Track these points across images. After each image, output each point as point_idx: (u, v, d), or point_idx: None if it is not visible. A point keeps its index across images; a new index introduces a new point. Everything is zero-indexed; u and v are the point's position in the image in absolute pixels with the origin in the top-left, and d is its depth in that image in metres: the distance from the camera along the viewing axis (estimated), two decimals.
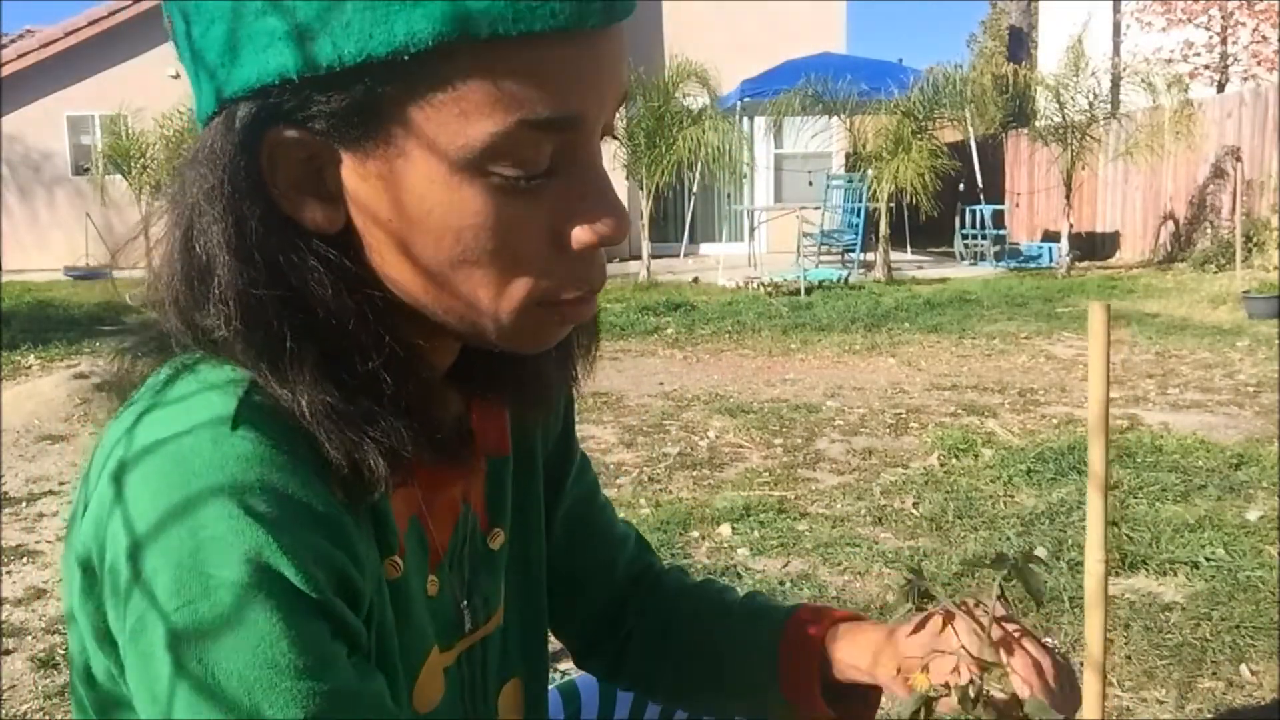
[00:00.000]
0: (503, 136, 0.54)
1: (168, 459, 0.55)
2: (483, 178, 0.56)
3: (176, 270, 0.60)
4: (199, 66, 0.58)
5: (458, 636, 0.75)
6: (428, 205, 0.56)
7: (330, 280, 0.58)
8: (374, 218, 0.58)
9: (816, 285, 10.83)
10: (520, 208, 0.57)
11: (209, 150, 0.58)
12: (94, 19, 15.77)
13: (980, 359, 6.76)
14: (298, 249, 0.58)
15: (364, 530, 0.62)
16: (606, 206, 0.59)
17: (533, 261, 0.59)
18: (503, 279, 0.58)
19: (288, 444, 0.56)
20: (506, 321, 0.60)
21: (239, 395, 0.57)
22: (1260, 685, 2.34)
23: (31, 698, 2.41)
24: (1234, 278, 9.67)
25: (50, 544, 3.46)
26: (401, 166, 0.56)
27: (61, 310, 10.32)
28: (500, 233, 0.57)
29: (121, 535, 0.54)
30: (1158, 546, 3.10)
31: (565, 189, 0.58)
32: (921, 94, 11.83)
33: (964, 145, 13.99)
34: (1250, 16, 15.47)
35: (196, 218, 0.58)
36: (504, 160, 0.55)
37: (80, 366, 6.36)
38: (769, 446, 4.53)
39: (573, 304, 0.61)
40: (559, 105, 0.55)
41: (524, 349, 0.63)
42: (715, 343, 7.64)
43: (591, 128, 0.58)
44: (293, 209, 0.58)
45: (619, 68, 0.58)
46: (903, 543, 3.27)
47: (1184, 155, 12.03)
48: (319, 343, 0.58)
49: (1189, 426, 4.69)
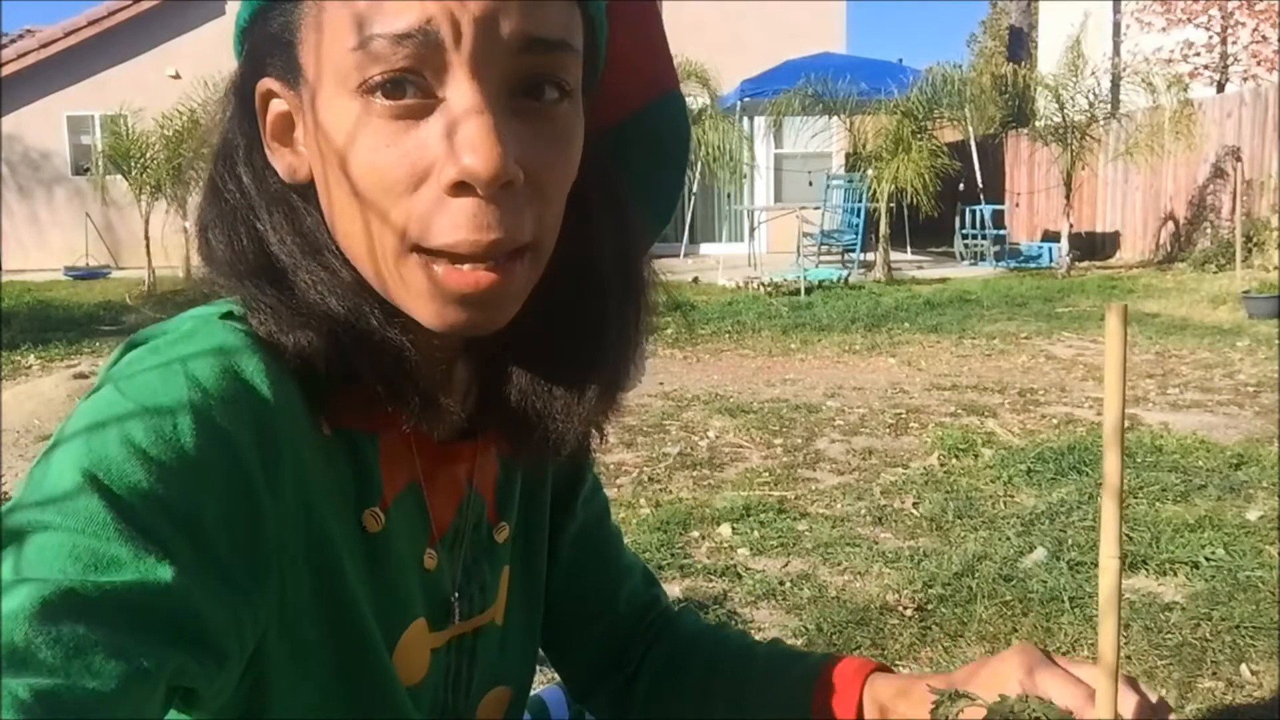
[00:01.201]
0: (360, 54, 0.56)
1: (153, 348, 0.59)
2: (360, 100, 0.57)
3: (196, 213, 0.67)
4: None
5: (449, 620, 0.74)
6: (330, 137, 0.58)
7: (285, 226, 0.63)
8: (314, 163, 0.61)
9: (816, 285, 10.83)
10: (388, 135, 0.56)
11: (226, 85, 0.66)
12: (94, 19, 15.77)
13: (980, 359, 6.76)
14: (272, 195, 0.64)
15: (337, 468, 0.64)
16: (464, 141, 0.55)
17: (399, 197, 0.57)
18: (382, 213, 0.58)
19: (264, 351, 0.60)
20: (390, 266, 0.59)
21: (227, 309, 0.62)
22: (1260, 685, 2.34)
23: None
24: (1234, 278, 9.67)
25: None
26: (316, 103, 0.59)
27: (61, 310, 10.32)
28: (369, 158, 0.57)
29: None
30: (1158, 546, 3.10)
31: (434, 123, 0.57)
32: (921, 94, 11.83)
33: (964, 145, 14.00)
34: (1250, 16, 15.48)
35: (213, 151, 0.66)
36: (368, 78, 0.56)
37: (80, 366, 6.36)
38: (769, 446, 4.53)
39: (449, 266, 0.58)
40: (407, 17, 0.55)
41: (421, 314, 0.60)
42: (715, 343, 7.64)
43: (461, 60, 0.56)
44: (273, 159, 0.64)
45: (503, 2, 0.56)
46: (903, 543, 3.27)
47: (1184, 155, 12.04)
48: (276, 270, 0.63)
49: (1189, 426, 4.69)
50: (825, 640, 2.56)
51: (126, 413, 0.54)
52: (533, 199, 0.59)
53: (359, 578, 0.64)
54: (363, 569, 0.65)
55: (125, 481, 0.51)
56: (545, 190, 0.60)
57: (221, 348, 0.58)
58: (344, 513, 0.64)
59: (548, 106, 0.59)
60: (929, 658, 2.48)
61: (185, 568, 0.51)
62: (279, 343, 0.60)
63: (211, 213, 0.65)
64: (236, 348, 0.58)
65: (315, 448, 0.62)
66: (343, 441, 0.65)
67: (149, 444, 0.53)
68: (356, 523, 0.65)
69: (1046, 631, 2.58)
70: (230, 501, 0.55)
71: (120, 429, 0.53)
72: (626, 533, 3.39)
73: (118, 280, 13.74)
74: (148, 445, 0.53)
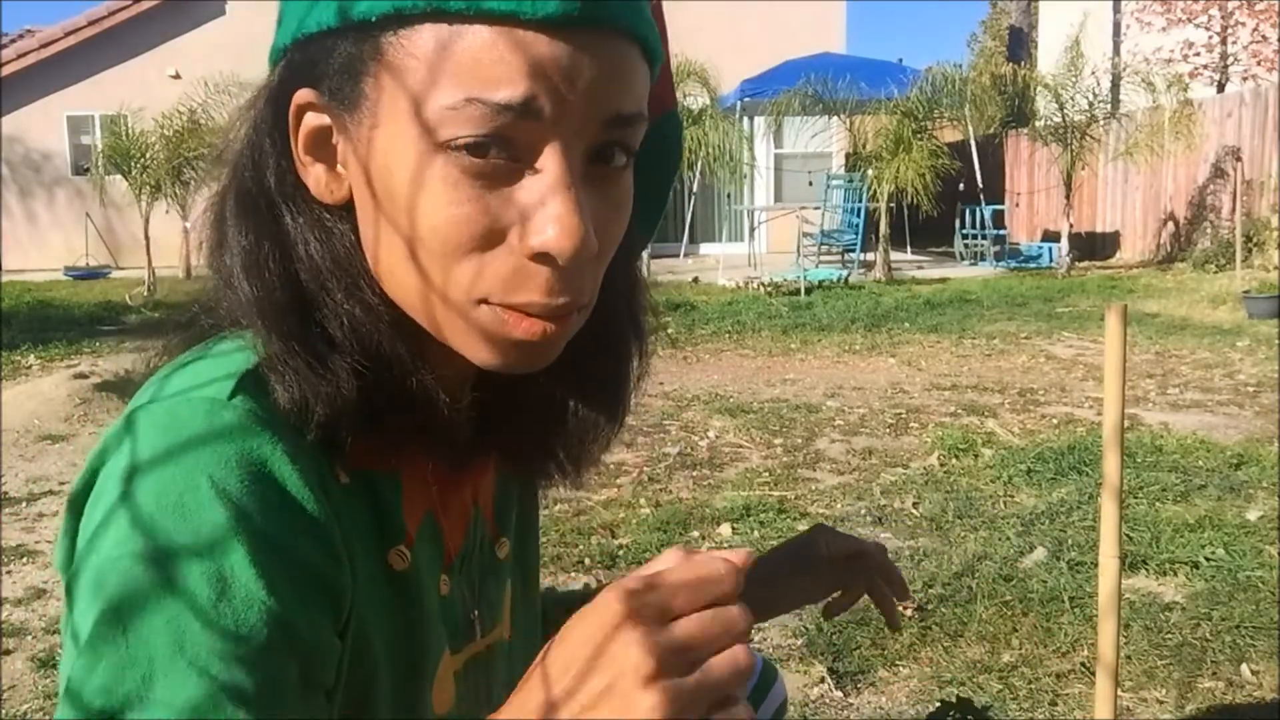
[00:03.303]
0: (453, 112, 0.55)
1: (165, 412, 0.57)
2: (440, 154, 0.56)
3: (210, 217, 0.65)
4: (281, 9, 0.63)
5: (466, 641, 0.74)
6: (393, 177, 0.57)
7: (319, 250, 0.61)
8: (358, 190, 0.60)
9: (816, 285, 10.83)
10: (468, 193, 0.56)
11: (257, 93, 0.63)
12: (94, 19, 15.77)
13: (980, 359, 6.76)
14: (301, 209, 0.62)
15: (357, 514, 0.63)
16: (553, 218, 0.56)
17: (473, 254, 0.57)
18: (445, 265, 0.58)
19: (279, 419, 0.58)
20: (452, 313, 0.59)
21: (246, 367, 0.60)
22: (1260, 685, 2.34)
23: (31, 698, 2.41)
24: (1234, 278, 9.67)
25: (50, 544, 3.45)
26: (375, 135, 0.58)
27: (61, 310, 10.32)
28: (445, 213, 0.57)
29: (117, 466, 0.56)
30: (1158, 546, 3.10)
31: (519, 191, 0.57)
32: (921, 94, 11.83)
33: (964, 145, 13.99)
34: (1250, 16, 15.47)
35: (236, 157, 0.64)
36: (457, 137, 0.55)
37: (80, 366, 6.36)
38: (769, 446, 4.53)
39: (518, 315, 0.59)
40: (510, 90, 0.54)
41: (476, 356, 0.61)
42: (715, 343, 7.64)
43: (553, 130, 0.56)
44: (304, 173, 0.62)
45: (601, 78, 0.56)
46: (903, 543, 3.27)
47: (1184, 155, 12.03)
48: (302, 301, 0.61)
49: (1189, 426, 4.69)
50: (825, 640, 2.56)
51: (180, 548, 0.52)
52: (595, 260, 0.61)
53: (381, 618, 0.64)
54: (392, 608, 0.65)
55: (211, 651, 0.51)
56: (605, 252, 0.62)
57: (243, 451, 0.56)
58: (366, 556, 0.64)
59: (614, 170, 0.61)
60: (929, 658, 2.48)
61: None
62: (305, 406, 0.59)
63: (236, 225, 0.62)
64: (256, 444, 0.56)
65: (338, 500, 0.62)
66: (360, 484, 0.65)
67: (212, 597, 0.52)
68: (382, 563, 0.65)
69: (1046, 631, 2.58)
70: (316, 609, 0.56)
71: (178, 575, 0.52)
72: (627, 533, 3.39)
73: (118, 280, 13.73)
74: (212, 600, 0.52)
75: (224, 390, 0.58)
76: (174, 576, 0.52)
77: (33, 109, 16.02)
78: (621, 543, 3.28)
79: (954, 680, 2.36)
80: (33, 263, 15.88)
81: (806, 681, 2.39)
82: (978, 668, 2.42)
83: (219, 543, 0.53)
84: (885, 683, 2.39)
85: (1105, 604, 0.50)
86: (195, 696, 0.50)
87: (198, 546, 0.52)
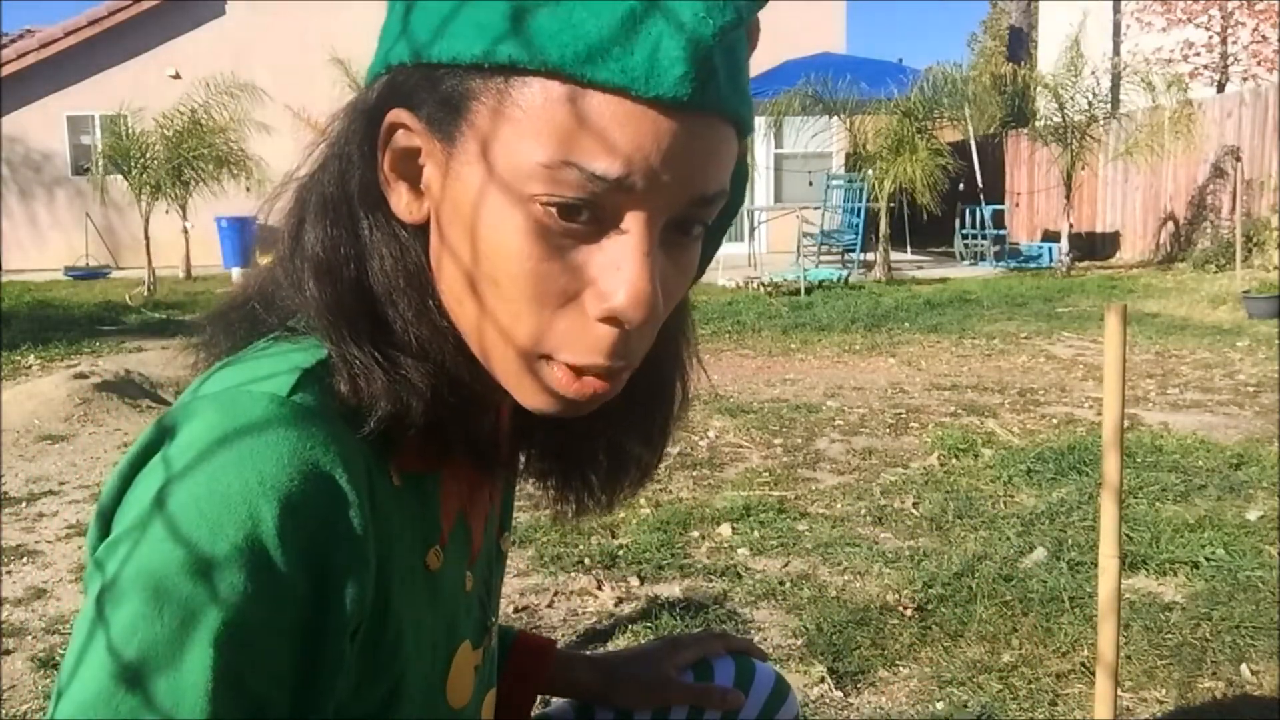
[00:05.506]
0: (548, 170, 0.55)
1: (220, 404, 0.57)
2: (523, 205, 0.57)
3: (291, 221, 0.66)
4: (386, 28, 0.63)
5: (484, 635, 0.77)
6: (473, 215, 0.58)
7: (392, 265, 0.62)
8: (437, 217, 0.62)
9: (816, 285, 10.83)
10: (549, 248, 0.57)
11: (353, 103, 0.65)
12: (94, 19, 15.77)
13: (980, 359, 6.76)
14: (379, 222, 0.63)
15: (406, 516, 0.64)
16: (627, 283, 0.57)
17: (544, 308, 0.59)
18: (514, 312, 0.59)
19: (338, 421, 0.59)
20: (511, 356, 0.61)
21: (306, 365, 0.60)
22: (1260, 685, 2.34)
23: (31, 698, 2.41)
24: (1234, 278, 9.67)
25: (50, 544, 3.45)
26: (463, 171, 0.59)
27: (61, 310, 10.31)
28: (523, 265, 0.57)
29: (158, 466, 0.55)
30: (1158, 546, 3.09)
31: (598, 252, 0.58)
32: (921, 94, 11.83)
33: (964, 145, 13.99)
34: (1250, 16, 15.47)
35: (323, 159, 0.65)
36: (545, 194, 0.56)
37: (80, 366, 6.35)
38: (769, 446, 4.53)
39: (574, 373, 0.60)
40: (609, 162, 0.55)
41: (524, 399, 0.63)
42: (715, 343, 7.64)
43: (642, 201, 0.57)
44: (388, 189, 0.63)
45: (698, 160, 0.57)
46: (903, 543, 3.27)
47: (1184, 155, 12.04)
48: (373, 310, 0.62)
49: (1189, 426, 4.69)
50: (825, 640, 2.56)
51: (222, 557, 0.52)
52: (656, 322, 0.62)
53: (415, 619, 0.65)
54: (425, 607, 0.66)
55: (265, 672, 0.54)
56: (665, 316, 0.63)
57: (296, 449, 0.56)
58: (408, 558, 0.65)
59: (688, 240, 0.62)
60: (929, 658, 2.48)
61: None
62: (374, 403, 0.60)
63: (315, 227, 0.63)
64: (310, 444, 0.56)
65: (389, 501, 0.62)
66: (411, 486, 0.66)
67: (265, 601, 0.53)
68: (420, 563, 0.66)
69: (1046, 631, 2.58)
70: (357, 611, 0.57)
71: (224, 582, 0.52)
72: (627, 533, 3.39)
73: (118, 280, 13.74)
74: (265, 607, 0.53)
75: (285, 386, 0.58)
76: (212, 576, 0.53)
77: (33, 109, 16.03)
78: (621, 543, 3.29)
79: (954, 680, 2.36)
80: (33, 263, 15.89)
81: (806, 681, 2.38)
82: (978, 668, 2.42)
83: (275, 548, 0.54)
84: (885, 683, 2.39)
85: (1105, 604, 0.50)
86: (210, 674, 0.52)
87: (236, 543, 0.53)
